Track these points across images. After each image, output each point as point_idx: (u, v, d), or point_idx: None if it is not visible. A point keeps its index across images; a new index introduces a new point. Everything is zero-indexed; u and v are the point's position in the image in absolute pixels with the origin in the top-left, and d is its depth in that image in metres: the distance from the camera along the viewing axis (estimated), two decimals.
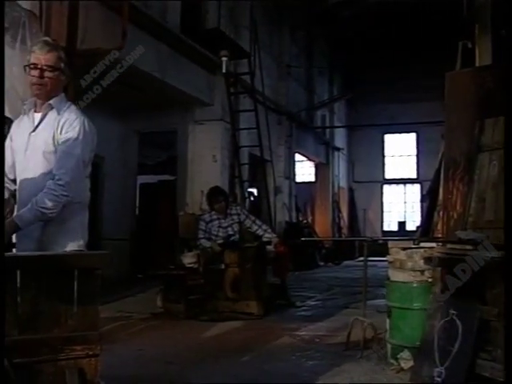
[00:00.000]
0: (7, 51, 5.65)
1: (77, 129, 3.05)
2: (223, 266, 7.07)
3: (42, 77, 3.03)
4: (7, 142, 3.24)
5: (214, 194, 7.78)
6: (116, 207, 11.18)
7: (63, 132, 3.05)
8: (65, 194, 2.94)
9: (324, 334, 5.93)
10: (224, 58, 10.17)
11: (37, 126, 3.12)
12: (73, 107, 3.18)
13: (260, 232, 7.62)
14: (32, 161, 3.07)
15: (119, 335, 5.78)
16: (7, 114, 5.87)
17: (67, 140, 3.03)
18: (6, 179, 3.21)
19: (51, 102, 3.11)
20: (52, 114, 3.11)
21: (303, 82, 17.94)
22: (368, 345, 4.86)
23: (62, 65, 3.10)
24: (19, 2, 5.81)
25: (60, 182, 2.94)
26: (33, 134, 3.10)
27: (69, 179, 2.96)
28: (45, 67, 3.03)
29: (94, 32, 7.08)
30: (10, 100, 5.77)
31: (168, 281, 7.27)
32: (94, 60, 6.11)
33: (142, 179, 12.98)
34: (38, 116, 3.14)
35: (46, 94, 3.08)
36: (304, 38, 17.79)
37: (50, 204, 2.90)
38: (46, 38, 3.30)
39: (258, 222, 7.78)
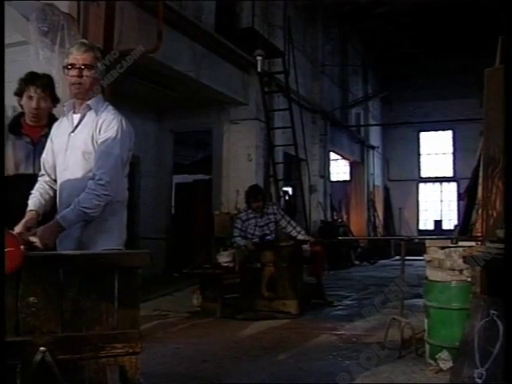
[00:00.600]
0: (47, 54, 5.77)
1: (115, 128, 3.10)
2: (259, 265, 7.08)
3: (80, 76, 3.09)
4: (48, 144, 3.31)
5: (253, 193, 7.81)
6: (152, 206, 11.29)
7: (102, 132, 3.09)
8: (105, 193, 2.98)
9: (361, 334, 5.89)
10: (259, 58, 10.17)
11: (76, 127, 3.17)
12: (110, 107, 3.23)
13: (294, 233, 7.65)
14: (72, 161, 3.13)
15: (156, 333, 5.83)
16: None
17: (106, 140, 3.07)
18: (48, 179, 3.29)
19: (89, 102, 3.16)
20: (90, 115, 3.17)
21: (337, 81, 17.84)
22: (406, 345, 4.82)
23: (99, 64, 3.17)
24: (58, 6, 5.91)
25: (101, 182, 2.98)
26: (72, 134, 3.16)
27: (109, 179, 3.01)
28: (82, 66, 3.09)
29: (130, 33, 7.16)
30: None
31: (204, 280, 7.30)
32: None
33: (178, 179, 13.08)
34: (76, 117, 3.19)
35: (84, 92, 3.14)
36: (337, 35, 17.69)
37: (91, 204, 2.95)
38: (83, 40, 3.37)
39: (292, 222, 7.80)
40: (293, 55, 12.15)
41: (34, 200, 3.21)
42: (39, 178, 3.35)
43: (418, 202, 23.57)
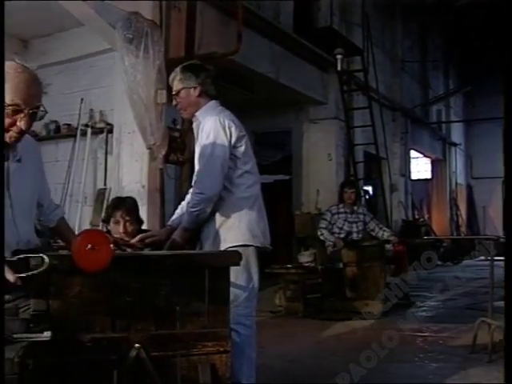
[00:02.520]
0: (132, 60, 5.95)
1: (207, 129, 3.27)
2: (341, 265, 7.03)
3: (176, 102, 3.44)
4: None
5: (346, 185, 7.88)
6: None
7: (200, 133, 3.34)
8: (198, 191, 3.22)
9: (447, 336, 5.75)
10: (339, 56, 10.11)
11: (196, 137, 3.44)
12: (216, 111, 3.39)
13: (380, 234, 7.61)
14: (196, 165, 3.40)
15: None
16: (133, 118, 6.20)
17: (204, 141, 3.28)
18: None
19: (197, 114, 3.41)
20: (197, 125, 3.42)
21: (417, 77, 17.48)
22: (496, 348, 4.66)
23: (185, 84, 3.38)
24: (142, 13, 6.09)
25: (195, 182, 3.30)
26: (196, 143, 3.44)
27: (200, 178, 3.25)
28: (174, 93, 3.42)
29: (210, 37, 7.28)
30: (135, 105, 6.08)
31: (286, 279, 7.32)
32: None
33: None
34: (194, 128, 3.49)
35: (185, 113, 3.47)
36: (417, 30, 17.33)
37: (192, 203, 3.23)
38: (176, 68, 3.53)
39: (380, 225, 7.81)
40: (372, 52, 12.00)
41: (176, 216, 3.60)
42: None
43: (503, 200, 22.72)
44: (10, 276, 1.81)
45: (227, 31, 7.40)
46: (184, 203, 3.52)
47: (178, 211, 3.53)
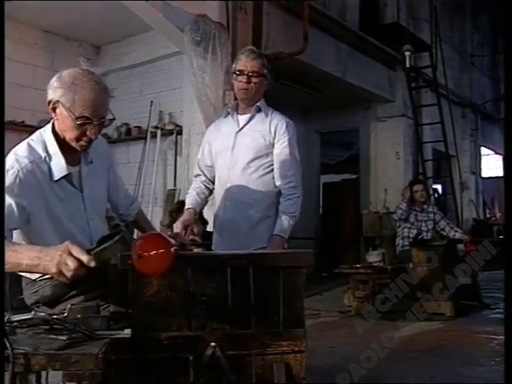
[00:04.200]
0: (200, 62, 6.04)
1: (290, 131, 3.27)
2: (411, 265, 6.91)
3: (248, 82, 3.24)
4: (206, 148, 3.49)
5: (416, 182, 7.83)
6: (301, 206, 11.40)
7: (277, 134, 3.26)
8: (298, 195, 3.25)
9: None
10: (407, 53, 9.94)
11: (244, 126, 3.33)
12: (276, 111, 3.37)
13: (451, 234, 7.46)
14: (241, 157, 3.28)
15: (309, 332, 5.87)
16: (202, 119, 6.28)
17: (286, 143, 3.25)
18: (205, 179, 3.49)
19: (258, 104, 3.32)
20: (259, 116, 3.32)
21: (488, 72, 16.98)
22: None
23: (266, 71, 3.28)
24: (209, 16, 6.18)
25: (293, 184, 3.24)
26: (239, 133, 3.32)
27: (299, 180, 3.27)
28: (250, 73, 3.23)
29: (277, 37, 7.31)
30: (203, 106, 6.17)
31: (355, 279, 7.26)
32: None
33: (325, 178, 13.10)
34: (242, 117, 3.35)
35: (251, 97, 3.29)
36: (487, 23, 16.85)
37: (295, 207, 3.24)
38: (251, 47, 3.50)
39: (451, 224, 7.66)
40: (440, 48, 11.72)
41: (191, 199, 3.41)
42: (194, 179, 3.55)
43: None
44: (84, 257, 1.84)
45: (293, 31, 7.41)
46: (199, 188, 3.46)
47: (193, 193, 3.44)
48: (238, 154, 3.28)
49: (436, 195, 13.27)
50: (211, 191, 3.53)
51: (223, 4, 6.55)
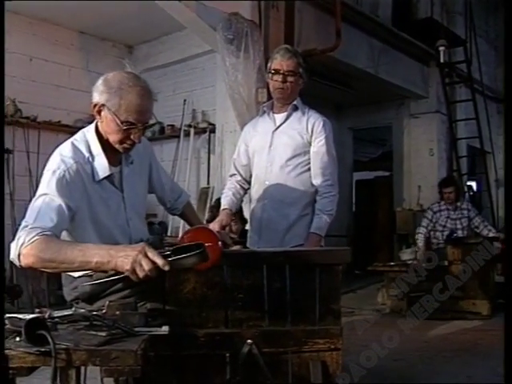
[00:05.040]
0: (232, 61, 6.06)
1: (328, 130, 3.28)
2: (446, 263, 6.83)
3: (284, 81, 3.24)
4: (242, 148, 3.48)
5: (444, 183, 7.68)
6: None
7: (314, 132, 3.26)
8: (334, 193, 3.24)
9: None
10: (441, 48, 9.79)
11: (281, 124, 3.32)
12: (312, 109, 3.36)
13: (485, 232, 7.35)
14: (278, 156, 3.28)
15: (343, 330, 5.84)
16: (235, 117, 6.30)
17: (323, 141, 3.26)
18: (240, 178, 3.48)
19: (295, 102, 3.32)
20: (296, 114, 3.32)
21: None
22: None
23: (301, 70, 3.28)
24: (242, 14, 6.19)
25: (330, 182, 3.23)
26: (276, 131, 3.32)
27: (335, 178, 3.25)
28: (286, 73, 3.23)
29: (309, 34, 7.28)
30: (236, 104, 6.18)
31: (389, 277, 7.21)
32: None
33: (358, 176, 13.03)
34: (278, 116, 3.35)
35: (287, 97, 3.29)
36: None
37: (332, 205, 3.23)
38: (287, 46, 3.50)
39: (485, 222, 7.53)
40: (475, 42, 11.52)
41: (227, 199, 3.41)
42: (229, 178, 3.55)
43: None
44: (159, 260, 1.85)
45: (325, 28, 7.38)
46: (234, 188, 3.46)
47: (228, 193, 3.42)
48: (276, 152, 3.28)
49: (471, 192, 13.08)
50: (246, 191, 3.53)
51: (255, 2, 6.55)
